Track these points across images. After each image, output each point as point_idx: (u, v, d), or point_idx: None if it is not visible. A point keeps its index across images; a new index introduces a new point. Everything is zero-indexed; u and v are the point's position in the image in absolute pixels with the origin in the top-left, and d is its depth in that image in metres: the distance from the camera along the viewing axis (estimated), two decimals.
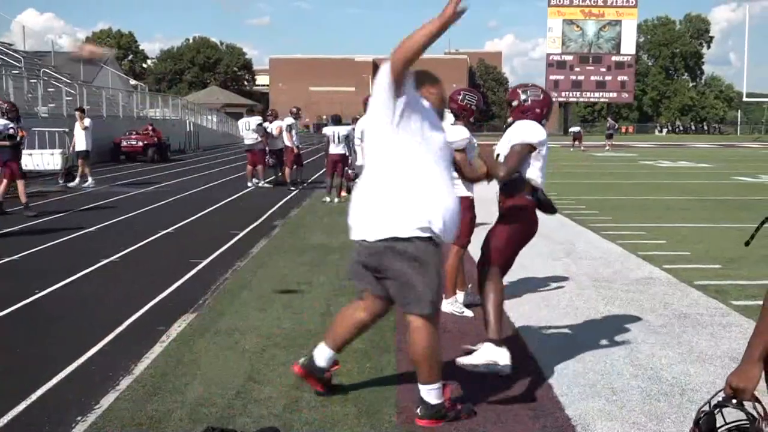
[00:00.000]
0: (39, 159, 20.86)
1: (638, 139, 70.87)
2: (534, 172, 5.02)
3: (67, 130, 21.73)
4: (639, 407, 4.48)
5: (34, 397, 4.74)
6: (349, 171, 14.93)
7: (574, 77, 75.62)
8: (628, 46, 77.03)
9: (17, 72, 30.78)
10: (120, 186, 19.05)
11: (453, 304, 6.57)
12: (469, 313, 6.54)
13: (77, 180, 19.08)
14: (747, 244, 2.84)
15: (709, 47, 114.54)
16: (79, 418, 4.35)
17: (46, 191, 17.16)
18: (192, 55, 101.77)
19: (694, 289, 7.51)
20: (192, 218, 13.21)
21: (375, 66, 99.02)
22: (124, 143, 28.96)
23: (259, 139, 18.61)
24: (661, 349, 5.60)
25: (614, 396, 4.65)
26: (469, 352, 4.91)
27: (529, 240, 5.17)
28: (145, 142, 29.22)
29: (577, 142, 43.23)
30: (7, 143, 13.01)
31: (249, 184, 19.03)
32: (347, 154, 15.33)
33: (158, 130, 30.84)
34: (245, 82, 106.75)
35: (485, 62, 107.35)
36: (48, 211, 13.38)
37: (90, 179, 19.08)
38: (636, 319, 6.42)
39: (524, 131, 4.97)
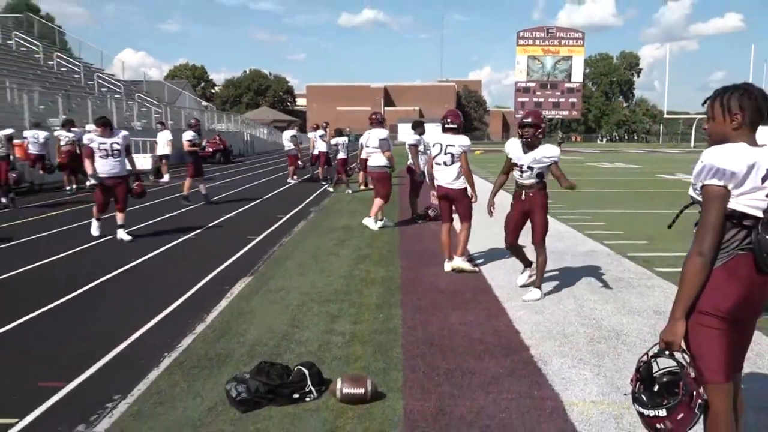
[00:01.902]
0: (135, 161, 20.93)
1: (584, 146, 70.38)
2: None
3: (155, 139, 21.74)
4: (585, 348, 4.47)
5: (132, 338, 4.78)
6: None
7: (536, 99, 74.91)
8: (577, 76, 76.23)
9: (118, 96, 30.81)
10: (194, 182, 19.03)
11: (463, 262, 6.85)
12: (473, 269, 6.81)
13: (166, 177, 19.14)
14: (669, 227, 2.84)
15: (638, 76, 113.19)
16: (165, 354, 4.38)
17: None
18: (248, 82, 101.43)
19: (626, 259, 7.47)
20: (248, 205, 13.23)
21: (386, 91, 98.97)
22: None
23: (293, 146, 18.84)
24: (601, 304, 5.58)
25: (566, 339, 4.65)
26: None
27: None
28: (214, 148, 29.16)
29: None
30: (194, 149, 13.32)
31: (289, 180, 19.03)
32: (347, 157, 16.39)
33: (224, 140, 30.77)
34: (288, 103, 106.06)
35: (468, 88, 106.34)
36: (143, 201, 13.37)
37: (166, 177, 19.20)
38: (582, 281, 6.40)
39: (556, 152, 5.64)
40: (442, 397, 3.63)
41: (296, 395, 3.59)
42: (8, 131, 13.27)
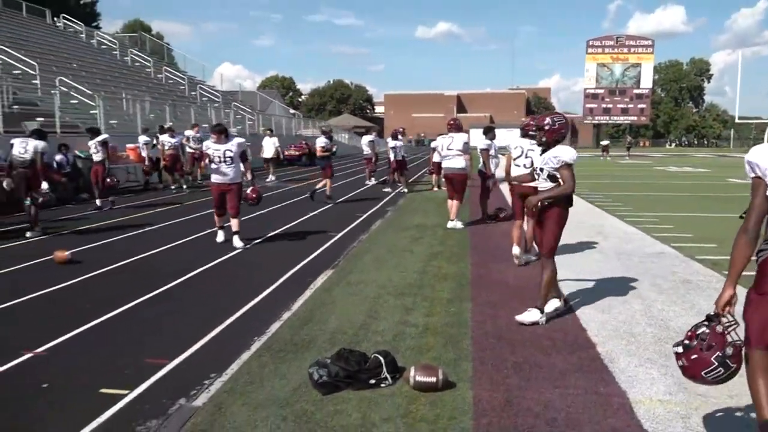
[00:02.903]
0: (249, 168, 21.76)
1: (652, 150, 67.24)
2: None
3: (249, 143, 22.52)
4: (652, 347, 4.27)
5: (227, 322, 4.95)
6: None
7: (604, 105, 72.22)
8: (646, 82, 72.85)
9: (217, 105, 32.11)
10: (283, 182, 19.56)
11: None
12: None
13: (270, 177, 19.84)
14: (741, 217, 2.78)
15: (709, 82, 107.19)
16: (255, 338, 4.51)
17: None
18: (332, 92, 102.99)
19: (695, 262, 7.08)
20: (330, 204, 13.43)
21: (458, 99, 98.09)
22: (286, 152, 29.52)
23: (370, 151, 18.94)
24: (669, 305, 5.32)
25: (633, 339, 4.45)
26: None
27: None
28: (300, 152, 29.82)
29: (605, 153, 41.46)
30: (327, 154, 13.81)
31: (367, 182, 19.17)
32: (402, 159, 16.93)
33: (309, 144, 31.35)
34: (367, 111, 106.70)
35: (538, 95, 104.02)
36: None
37: (272, 177, 19.93)
38: (650, 283, 6.12)
39: (568, 154, 4.66)
40: (510, 389, 3.56)
41: (372, 381, 3.61)
42: (103, 136, 12.98)
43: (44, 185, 9.47)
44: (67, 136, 15.77)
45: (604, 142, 45.55)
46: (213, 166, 8.15)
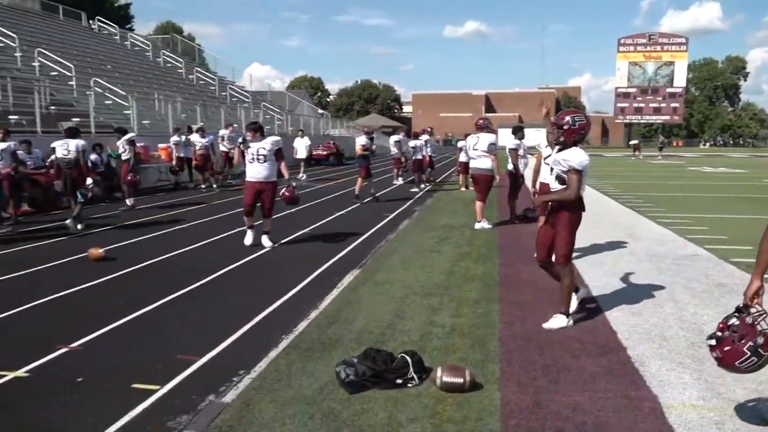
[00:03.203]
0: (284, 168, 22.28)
1: (686, 150, 65.79)
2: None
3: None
4: (684, 351, 4.19)
5: (255, 320, 5.00)
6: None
7: (636, 105, 70.93)
8: (680, 81, 71.33)
9: (246, 105, 32.47)
10: (311, 182, 19.68)
11: None
12: None
13: (302, 175, 20.55)
14: None
15: (745, 80, 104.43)
16: (283, 336, 4.55)
17: None
18: (360, 92, 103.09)
19: (730, 264, 6.92)
20: (357, 204, 13.45)
21: (487, 98, 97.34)
22: (314, 152, 29.69)
23: (397, 150, 18.90)
24: (703, 309, 5.20)
25: (665, 342, 4.37)
26: None
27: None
28: (328, 151, 29.98)
29: (637, 152, 40.73)
30: (366, 153, 13.98)
31: (395, 181, 19.18)
32: (422, 158, 17.23)
33: (337, 143, 31.54)
34: (395, 111, 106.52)
35: (568, 94, 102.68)
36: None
37: (303, 175, 20.71)
38: (683, 285, 5.99)
39: (578, 158, 4.42)
40: (538, 391, 3.52)
41: (399, 381, 3.60)
42: (130, 135, 12.97)
43: (88, 180, 9.84)
44: (101, 136, 16.11)
45: (634, 141, 44.83)
46: (248, 163, 8.06)
